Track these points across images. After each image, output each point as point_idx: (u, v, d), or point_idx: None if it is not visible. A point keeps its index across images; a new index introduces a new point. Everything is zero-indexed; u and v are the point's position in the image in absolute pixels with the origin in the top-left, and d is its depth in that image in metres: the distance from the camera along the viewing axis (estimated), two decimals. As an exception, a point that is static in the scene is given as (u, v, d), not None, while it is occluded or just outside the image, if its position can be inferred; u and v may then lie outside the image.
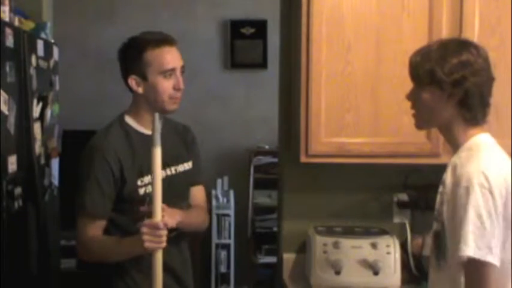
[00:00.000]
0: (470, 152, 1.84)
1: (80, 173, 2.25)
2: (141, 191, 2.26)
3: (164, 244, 2.06)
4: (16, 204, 2.87)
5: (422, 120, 1.95)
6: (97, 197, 2.19)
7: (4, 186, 2.71)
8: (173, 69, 2.27)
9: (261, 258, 5.39)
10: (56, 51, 3.73)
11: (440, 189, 1.90)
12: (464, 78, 1.81)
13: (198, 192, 2.60)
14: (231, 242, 5.42)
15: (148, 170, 2.23)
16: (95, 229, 2.22)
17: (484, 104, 1.87)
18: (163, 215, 2.09)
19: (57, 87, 3.76)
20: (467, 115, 1.86)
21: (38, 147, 3.22)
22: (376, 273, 2.62)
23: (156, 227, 2.04)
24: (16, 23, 3.24)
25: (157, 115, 2.04)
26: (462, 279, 1.80)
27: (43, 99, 3.34)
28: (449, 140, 1.94)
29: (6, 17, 3.03)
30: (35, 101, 3.19)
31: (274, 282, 3.58)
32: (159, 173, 2.06)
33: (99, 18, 5.58)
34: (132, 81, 2.26)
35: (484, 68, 1.85)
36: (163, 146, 2.31)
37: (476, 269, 1.73)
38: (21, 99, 2.99)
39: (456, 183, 1.79)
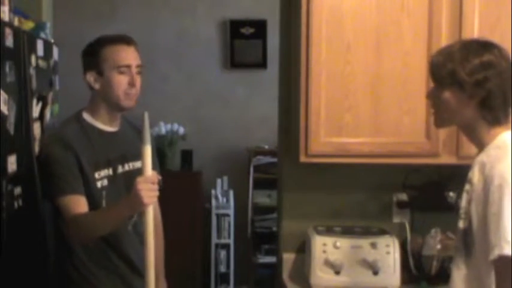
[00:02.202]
0: (499, 150, 1.84)
1: (44, 167, 2.37)
2: (98, 184, 2.32)
3: (156, 198, 2.08)
4: (16, 204, 2.86)
5: (442, 119, 1.95)
6: (69, 177, 2.26)
7: (4, 186, 2.70)
8: (128, 66, 2.33)
9: (260, 258, 5.39)
10: (55, 51, 3.72)
11: (467, 187, 1.90)
12: (486, 79, 1.81)
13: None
14: (231, 241, 5.43)
15: (104, 164, 2.34)
16: (79, 206, 2.25)
17: (505, 104, 1.86)
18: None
19: (57, 87, 3.75)
20: (489, 116, 1.85)
21: (37, 147, 3.22)
22: (375, 273, 2.62)
23: (150, 181, 2.06)
24: (16, 23, 3.24)
25: (146, 113, 2.07)
26: (492, 277, 1.78)
27: (43, 99, 3.34)
28: (472, 139, 1.94)
29: (5, 17, 3.02)
30: (34, 101, 3.18)
31: (274, 282, 3.59)
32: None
33: (99, 18, 5.58)
34: (90, 77, 2.37)
35: (507, 69, 1.84)
36: (122, 142, 2.39)
37: (510, 266, 1.72)
38: (21, 99, 2.99)
39: (488, 181, 1.78)
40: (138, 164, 2.41)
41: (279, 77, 3.01)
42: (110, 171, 2.35)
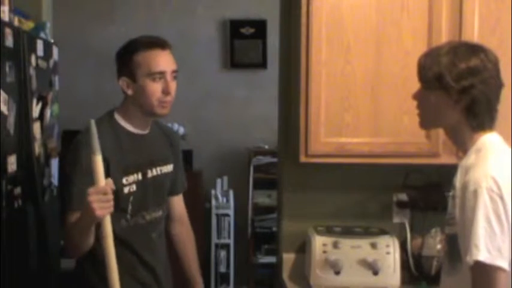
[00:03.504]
0: (479, 154, 1.83)
1: (67, 167, 2.24)
2: (126, 189, 2.25)
3: (112, 208, 1.97)
4: (16, 204, 2.86)
5: (427, 121, 1.95)
6: (86, 190, 2.12)
7: (4, 186, 2.70)
8: (162, 73, 2.23)
9: (260, 258, 5.39)
10: (55, 51, 3.73)
11: (452, 192, 1.89)
12: (472, 85, 1.80)
13: (179, 204, 2.60)
14: (231, 242, 5.43)
15: (134, 168, 2.26)
16: None
17: (491, 110, 1.86)
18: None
19: (57, 87, 3.75)
20: (474, 122, 1.85)
21: (37, 147, 3.22)
22: (375, 273, 2.62)
23: (102, 192, 1.96)
24: (16, 23, 3.24)
25: (92, 122, 1.99)
26: None
27: (43, 99, 3.34)
28: (455, 142, 1.94)
29: (5, 17, 3.02)
30: (34, 101, 3.19)
31: (274, 282, 3.58)
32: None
33: (98, 18, 5.59)
34: (123, 82, 2.26)
35: (493, 75, 1.83)
36: (151, 146, 2.33)
37: (485, 273, 1.71)
38: (21, 99, 2.99)
39: (465, 186, 1.78)
40: (165, 169, 2.40)
41: (279, 77, 3.01)
42: (139, 176, 2.28)
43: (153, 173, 2.33)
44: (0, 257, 2.65)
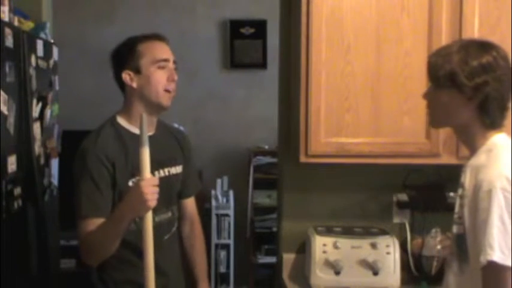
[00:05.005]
0: (490, 154, 1.82)
1: (75, 176, 2.22)
2: None
3: (156, 199, 2.03)
4: (16, 204, 2.86)
5: (438, 120, 1.94)
6: (95, 198, 2.16)
7: (4, 186, 2.70)
8: (166, 60, 2.27)
9: (260, 258, 5.39)
10: (55, 51, 3.73)
11: (460, 192, 1.88)
12: (485, 83, 1.79)
13: (191, 206, 2.59)
14: (231, 242, 5.43)
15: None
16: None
17: (503, 108, 1.85)
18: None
19: (57, 87, 3.76)
20: (487, 120, 1.84)
21: (37, 147, 3.22)
22: (375, 273, 2.62)
23: (152, 183, 2.02)
24: (16, 23, 3.24)
25: (144, 115, 2.03)
26: None
27: (42, 99, 3.34)
28: (465, 141, 1.93)
29: (5, 17, 3.03)
30: (34, 101, 3.19)
31: (274, 282, 3.59)
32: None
33: (98, 18, 5.59)
34: (126, 76, 2.26)
35: (506, 72, 1.82)
36: (158, 147, 2.31)
37: (497, 273, 1.71)
38: (21, 99, 2.99)
39: (477, 186, 1.77)
40: (174, 170, 2.38)
41: (279, 77, 3.01)
42: None
43: (160, 174, 2.31)
44: (1, 257, 2.65)
